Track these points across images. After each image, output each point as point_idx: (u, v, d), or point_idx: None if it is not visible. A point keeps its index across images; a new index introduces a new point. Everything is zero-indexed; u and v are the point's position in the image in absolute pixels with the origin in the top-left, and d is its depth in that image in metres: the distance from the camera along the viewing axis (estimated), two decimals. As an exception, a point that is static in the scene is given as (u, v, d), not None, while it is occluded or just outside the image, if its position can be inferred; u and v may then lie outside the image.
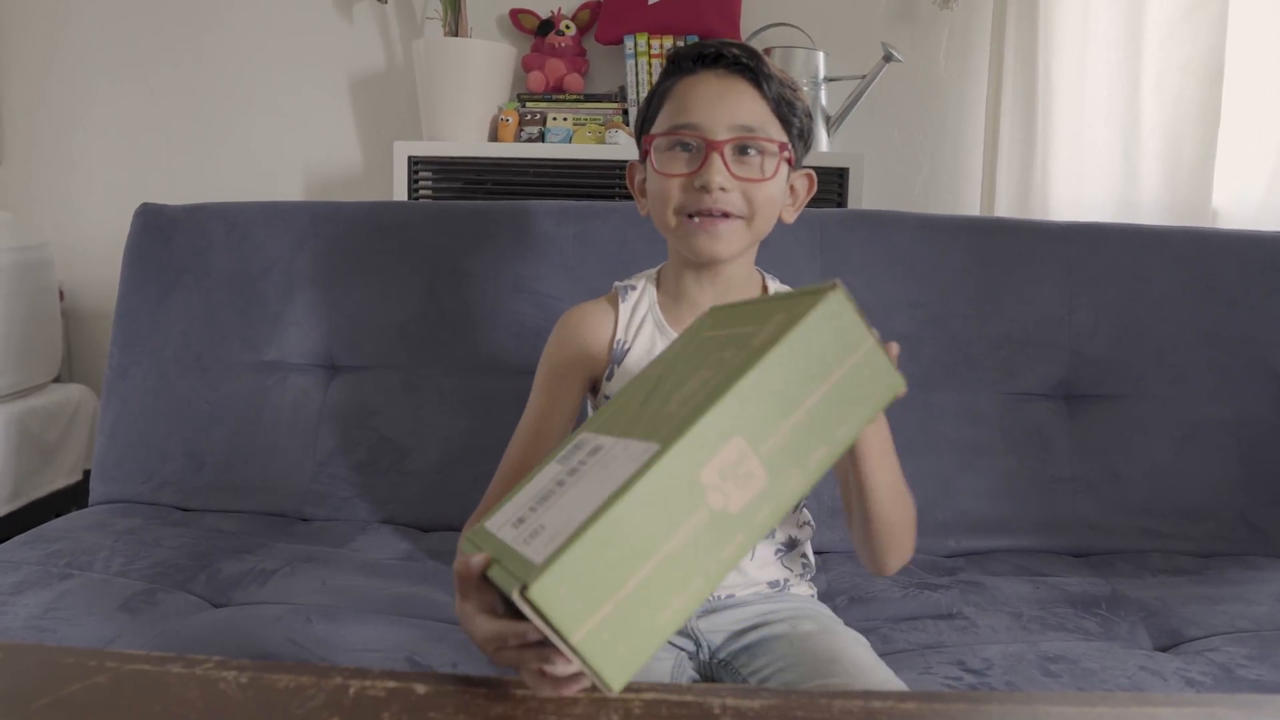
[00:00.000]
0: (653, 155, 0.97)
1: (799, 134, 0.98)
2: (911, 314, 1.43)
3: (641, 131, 1.02)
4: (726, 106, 0.93)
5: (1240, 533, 1.36)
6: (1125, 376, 1.42)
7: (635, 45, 1.95)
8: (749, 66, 0.94)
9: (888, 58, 1.83)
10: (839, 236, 1.45)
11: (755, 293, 1.06)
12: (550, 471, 0.66)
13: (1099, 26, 1.84)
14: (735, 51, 0.94)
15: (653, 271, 1.08)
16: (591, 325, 1.04)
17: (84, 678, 0.64)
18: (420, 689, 0.62)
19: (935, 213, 2.03)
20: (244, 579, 1.19)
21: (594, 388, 1.06)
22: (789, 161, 0.97)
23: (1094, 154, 1.87)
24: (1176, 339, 1.42)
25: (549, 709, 0.59)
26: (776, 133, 0.96)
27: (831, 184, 1.85)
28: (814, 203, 1.81)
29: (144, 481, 1.47)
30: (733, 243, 0.96)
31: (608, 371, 1.03)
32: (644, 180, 1.03)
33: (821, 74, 1.92)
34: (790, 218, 1.04)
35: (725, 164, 0.92)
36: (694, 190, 0.94)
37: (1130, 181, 1.85)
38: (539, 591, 0.52)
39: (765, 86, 0.94)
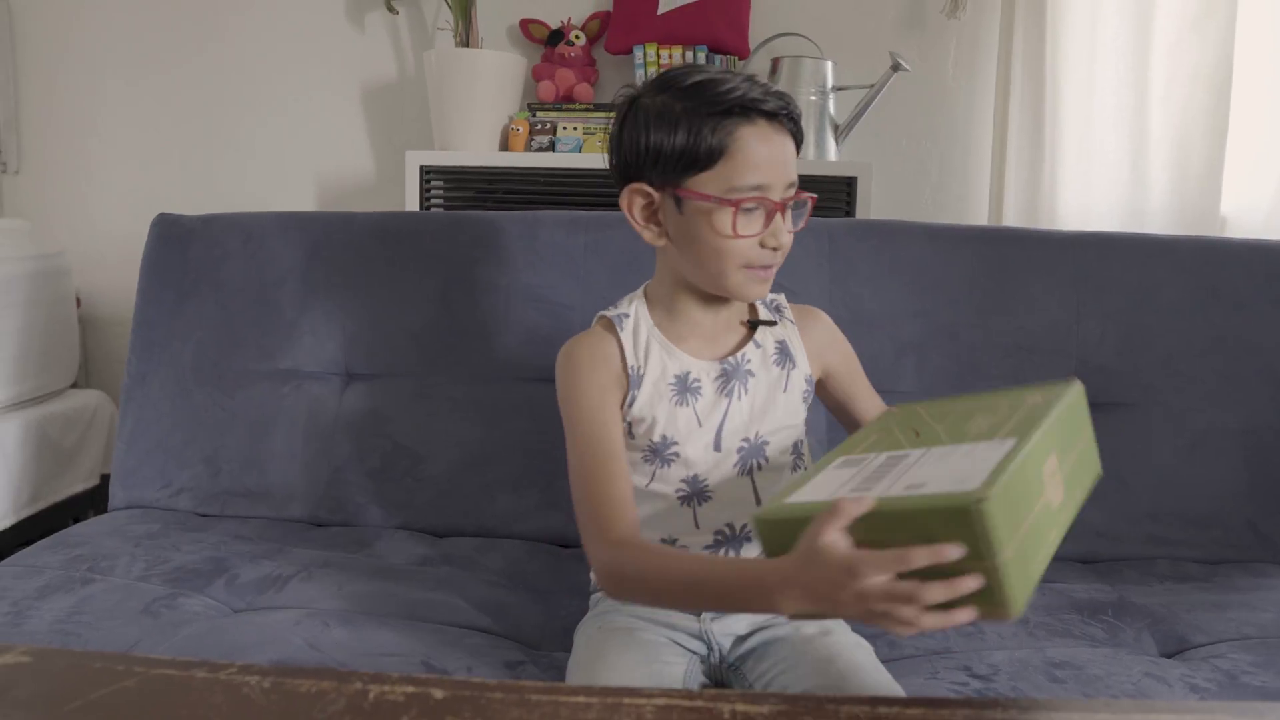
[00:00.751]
0: (735, 215, 0.93)
1: None
2: (919, 323, 1.44)
3: (680, 167, 0.94)
4: (785, 167, 0.94)
5: (1247, 540, 1.37)
6: (1133, 384, 1.43)
7: (644, 55, 1.96)
8: (796, 123, 0.96)
9: (896, 67, 1.84)
10: (847, 246, 1.47)
11: (744, 306, 1.07)
12: (846, 472, 0.78)
13: (1107, 35, 1.85)
14: (791, 107, 0.95)
15: (637, 294, 1.07)
16: (601, 353, 1.02)
17: (112, 682, 0.66)
18: (438, 694, 0.63)
19: (943, 221, 2.04)
20: (262, 584, 1.22)
21: None
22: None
23: (1102, 162, 1.87)
24: (1183, 347, 1.43)
25: (563, 712, 0.61)
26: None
27: (840, 193, 1.86)
28: (822, 212, 1.83)
29: (162, 487, 1.50)
30: (771, 284, 1.00)
31: (629, 398, 1.01)
32: (648, 205, 0.99)
33: (830, 83, 1.92)
34: None
35: (784, 222, 0.96)
36: (761, 248, 0.95)
37: (1139, 189, 1.86)
38: (992, 506, 0.62)
39: (799, 138, 0.97)
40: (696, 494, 1.01)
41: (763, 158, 0.92)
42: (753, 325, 1.05)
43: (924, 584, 0.65)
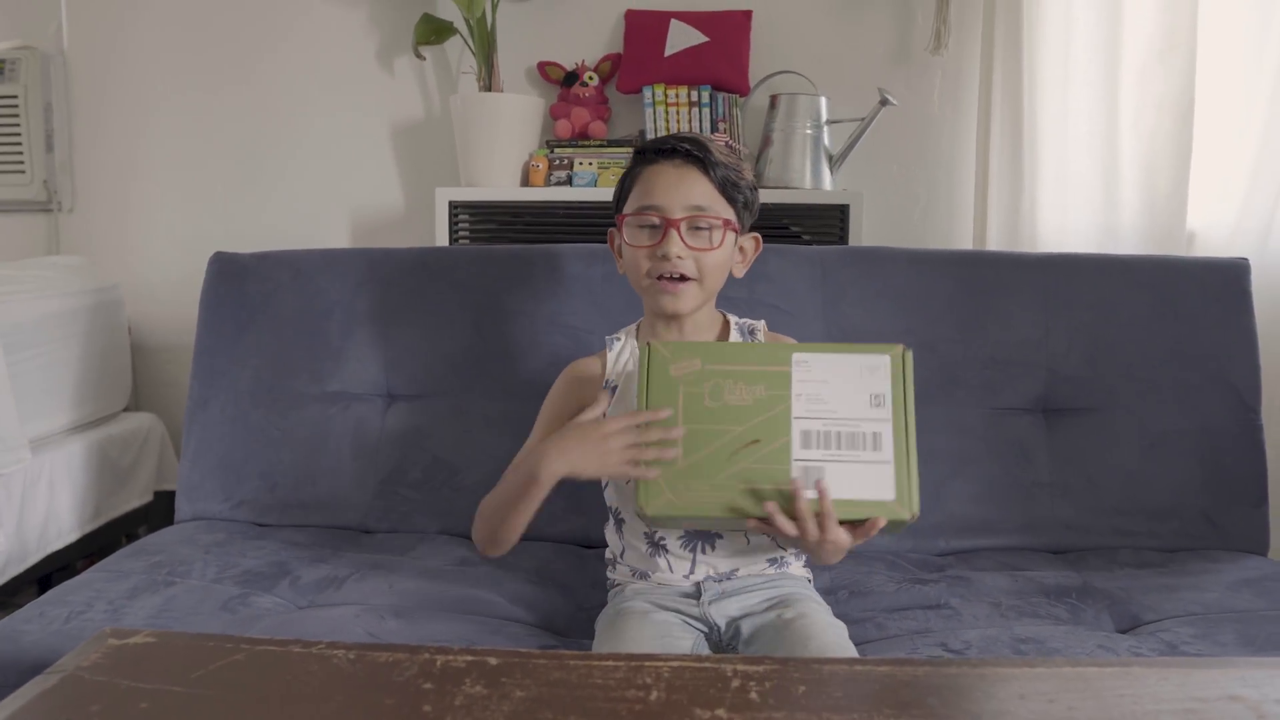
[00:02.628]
0: (625, 230, 1.20)
1: (744, 205, 1.21)
2: (904, 339, 1.55)
3: (617, 209, 1.26)
4: (680, 191, 1.15)
5: (1202, 529, 1.50)
6: (1097, 391, 1.56)
7: (653, 95, 2.10)
8: (698, 157, 1.16)
9: (884, 102, 1.97)
10: (838, 271, 1.61)
11: (717, 330, 1.28)
12: None
13: (1079, 67, 1.97)
14: (686, 146, 1.17)
15: (633, 325, 1.31)
16: (585, 375, 1.29)
17: (225, 656, 0.80)
18: (493, 661, 0.78)
19: (932, 244, 2.19)
20: (321, 584, 1.36)
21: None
22: (734, 230, 1.20)
23: (1077, 185, 1.99)
24: (1143, 357, 1.56)
25: (596, 674, 0.76)
26: (723, 209, 1.17)
27: (833, 220, 2.00)
28: (816, 239, 1.98)
29: (224, 500, 1.64)
30: (689, 301, 1.18)
31: (609, 410, 1.23)
32: (620, 245, 1.25)
33: (824, 117, 2.06)
34: (740, 273, 1.26)
35: (681, 237, 1.15)
36: (657, 258, 1.16)
37: (1111, 210, 1.98)
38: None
39: (711, 172, 1.16)
40: None
41: (654, 185, 1.17)
42: None
43: (647, 429, 1.04)
